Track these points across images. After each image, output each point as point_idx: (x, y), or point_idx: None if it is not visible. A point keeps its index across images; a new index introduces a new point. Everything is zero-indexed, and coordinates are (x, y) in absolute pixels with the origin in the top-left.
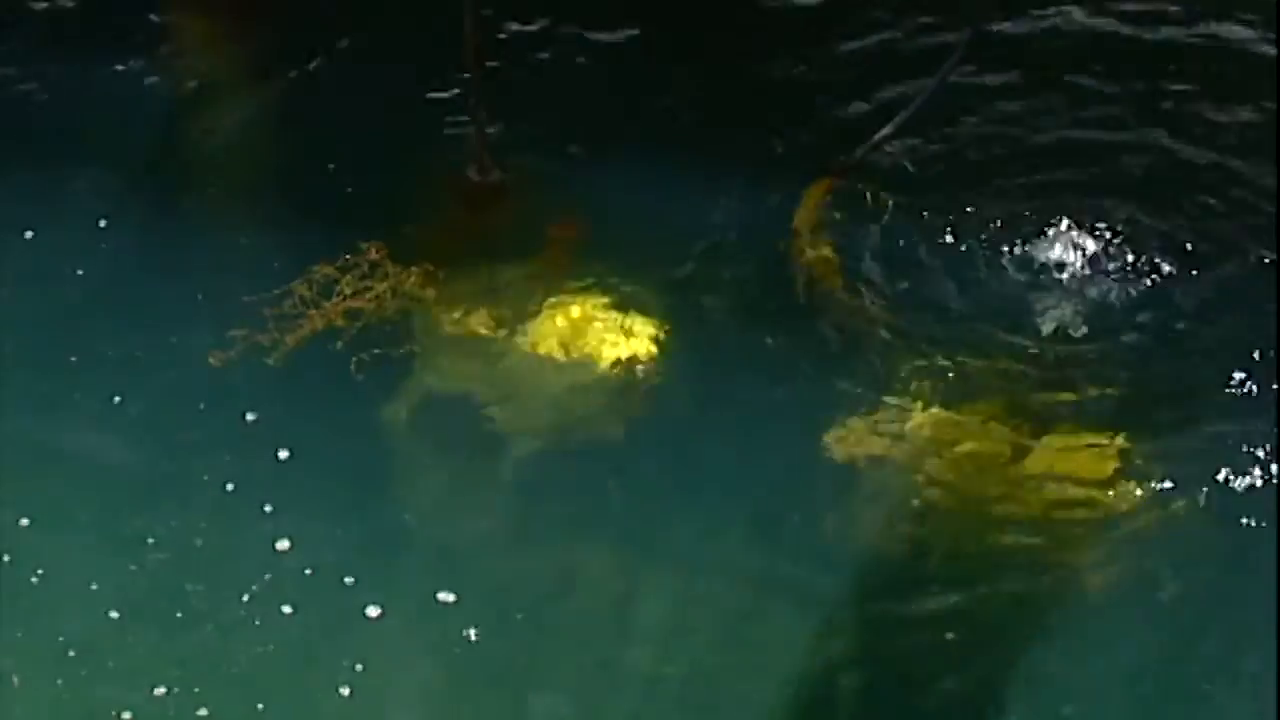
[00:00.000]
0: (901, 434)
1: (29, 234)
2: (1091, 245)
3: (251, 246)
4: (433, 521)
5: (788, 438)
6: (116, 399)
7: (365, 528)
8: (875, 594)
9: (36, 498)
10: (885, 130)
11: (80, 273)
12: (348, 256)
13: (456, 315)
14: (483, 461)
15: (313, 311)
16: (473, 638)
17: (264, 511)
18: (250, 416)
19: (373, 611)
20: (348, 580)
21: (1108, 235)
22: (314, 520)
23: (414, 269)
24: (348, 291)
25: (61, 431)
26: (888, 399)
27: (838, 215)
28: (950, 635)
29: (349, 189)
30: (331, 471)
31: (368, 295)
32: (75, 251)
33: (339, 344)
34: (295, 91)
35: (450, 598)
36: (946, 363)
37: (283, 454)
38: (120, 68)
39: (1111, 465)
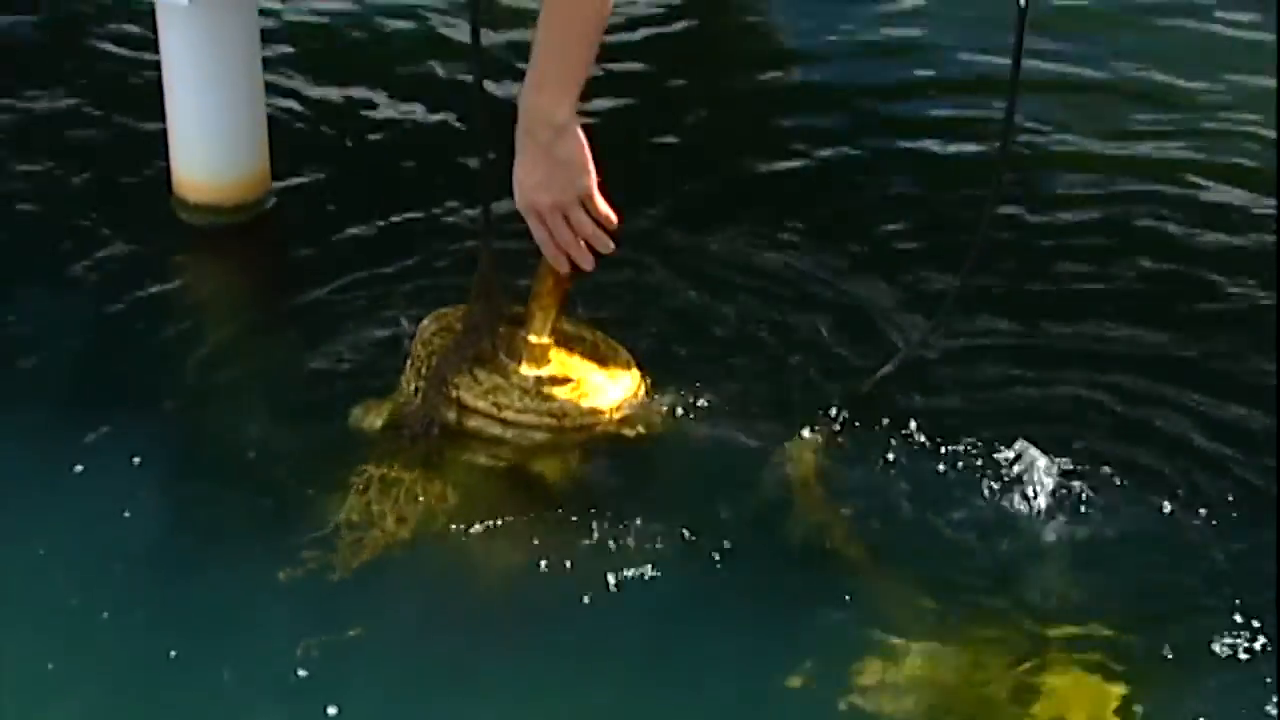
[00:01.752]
0: (894, 671)
1: (78, 468)
2: (1091, 479)
3: (270, 485)
4: None
5: (780, 677)
6: (173, 653)
7: None
8: None
9: None
10: (887, 367)
11: (127, 515)
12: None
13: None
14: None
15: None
16: None
17: None
18: (302, 672)
19: None
20: None
21: (1105, 470)
22: None
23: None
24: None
25: (106, 687)
26: (879, 637)
27: (834, 451)
28: None
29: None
30: None
31: (393, 535)
32: (121, 492)
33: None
34: (304, 340)
35: None
36: (942, 600)
37: (331, 709)
38: (142, 318)
39: (1110, 708)
